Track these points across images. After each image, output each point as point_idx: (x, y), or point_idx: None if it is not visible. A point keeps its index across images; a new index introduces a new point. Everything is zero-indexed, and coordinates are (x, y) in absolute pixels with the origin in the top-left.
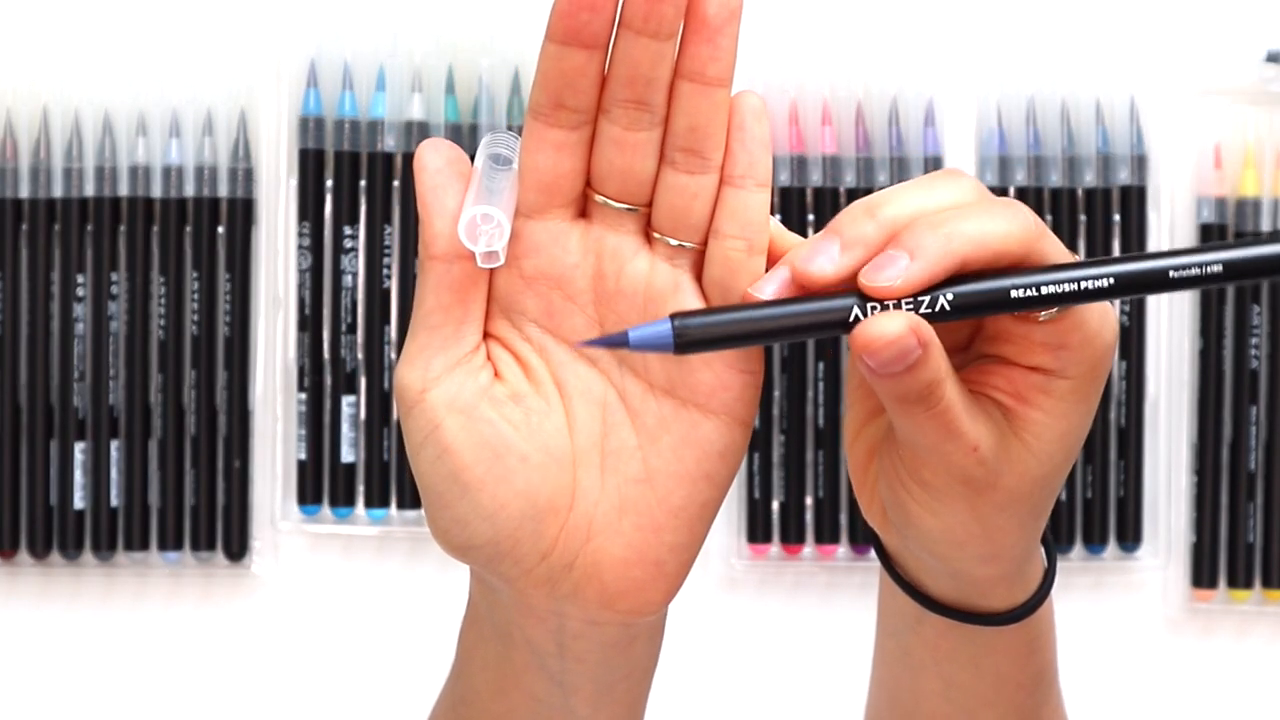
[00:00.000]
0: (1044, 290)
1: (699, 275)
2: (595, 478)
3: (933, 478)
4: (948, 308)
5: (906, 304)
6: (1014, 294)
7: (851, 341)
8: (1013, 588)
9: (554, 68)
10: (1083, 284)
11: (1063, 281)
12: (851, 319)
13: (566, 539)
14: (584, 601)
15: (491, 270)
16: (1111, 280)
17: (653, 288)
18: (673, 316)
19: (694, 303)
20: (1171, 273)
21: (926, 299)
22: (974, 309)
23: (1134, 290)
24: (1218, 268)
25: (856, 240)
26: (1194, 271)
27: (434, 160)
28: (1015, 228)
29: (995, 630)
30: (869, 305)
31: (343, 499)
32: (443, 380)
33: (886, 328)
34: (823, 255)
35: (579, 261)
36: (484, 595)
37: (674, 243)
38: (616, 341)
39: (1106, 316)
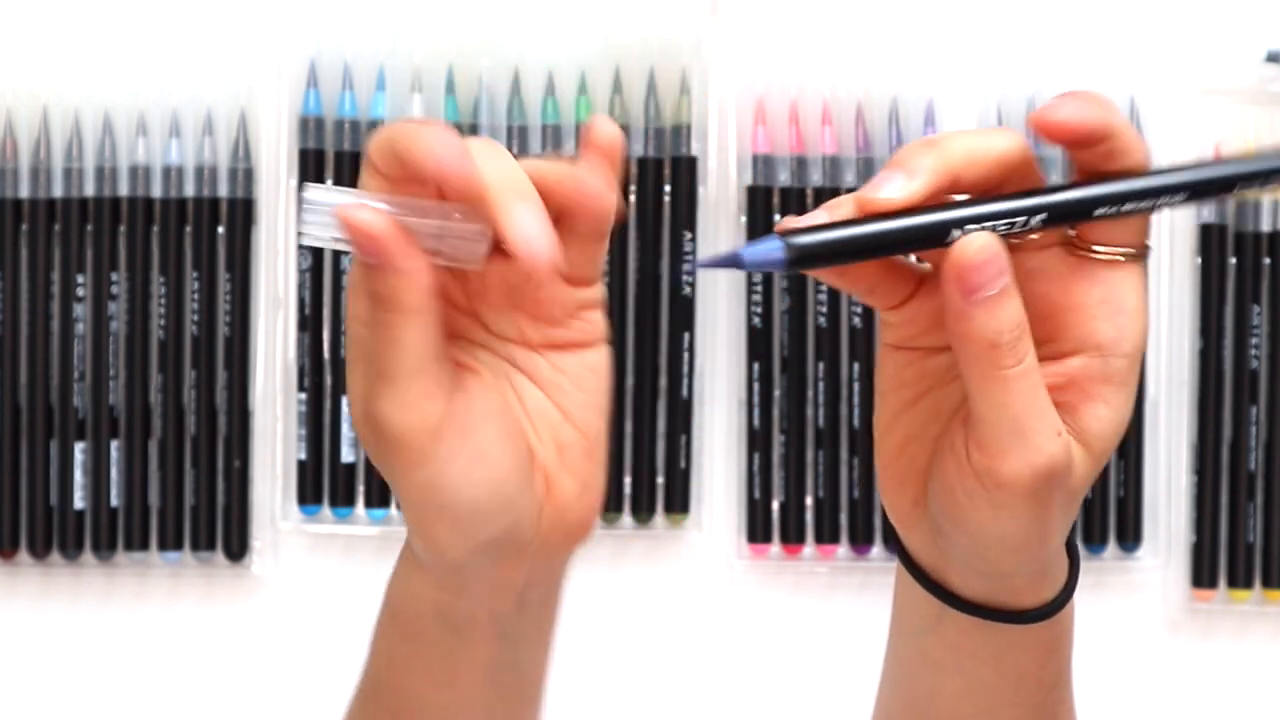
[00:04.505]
0: (1126, 208)
1: None
2: (535, 436)
3: (1013, 475)
4: (1038, 224)
5: (1002, 225)
6: (1098, 211)
7: (948, 265)
8: (1042, 584)
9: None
10: (1160, 202)
11: (1143, 201)
12: (949, 238)
13: (545, 505)
14: (552, 547)
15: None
16: (1186, 195)
17: None
18: (780, 233)
19: None
20: (1238, 185)
21: (1019, 221)
22: (1060, 221)
23: (1203, 197)
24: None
25: (922, 169)
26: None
27: (364, 213)
28: (1007, 140)
29: (1020, 628)
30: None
31: (343, 499)
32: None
33: (983, 239)
34: (889, 184)
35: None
36: (438, 601)
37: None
38: (730, 262)
39: (1145, 295)
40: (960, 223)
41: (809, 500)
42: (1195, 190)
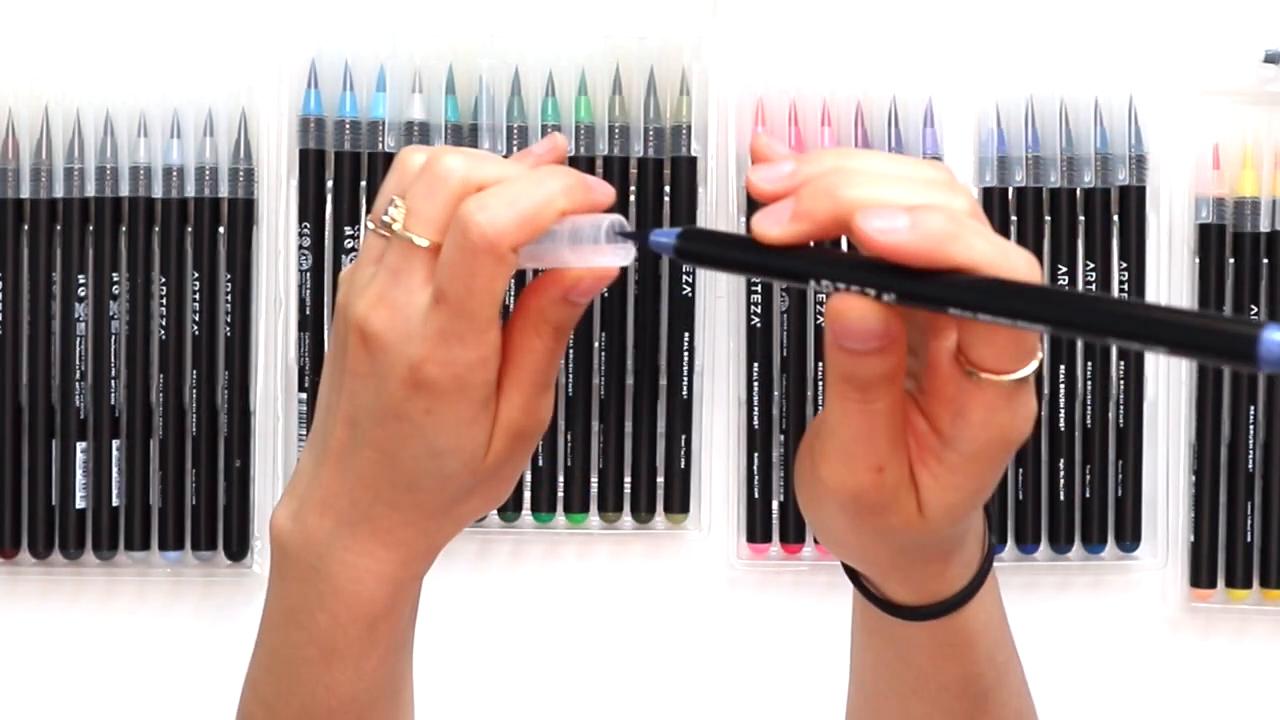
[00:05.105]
0: (981, 319)
1: None
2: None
3: (827, 481)
4: (893, 300)
5: (854, 290)
6: (951, 311)
7: (828, 308)
8: (913, 589)
9: None
10: (1019, 324)
11: (1001, 317)
12: (817, 286)
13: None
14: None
15: None
16: (1049, 327)
17: None
18: (683, 231)
19: None
20: (1113, 341)
21: (873, 292)
22: (916, 303)
23: (1072, 332)
24: (1164, 351)
25: (806, 214)
26: (1135, 346)
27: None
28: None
29: (909, 625)
30: (837, 284)
31: None
32: None
33: (860, 309)
34: (773, 220)
35: None
36: (402, 581)
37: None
38: (638, 238)
39: (1021, 414)
40: (818, 277)
41: None
42: (1058, 324)
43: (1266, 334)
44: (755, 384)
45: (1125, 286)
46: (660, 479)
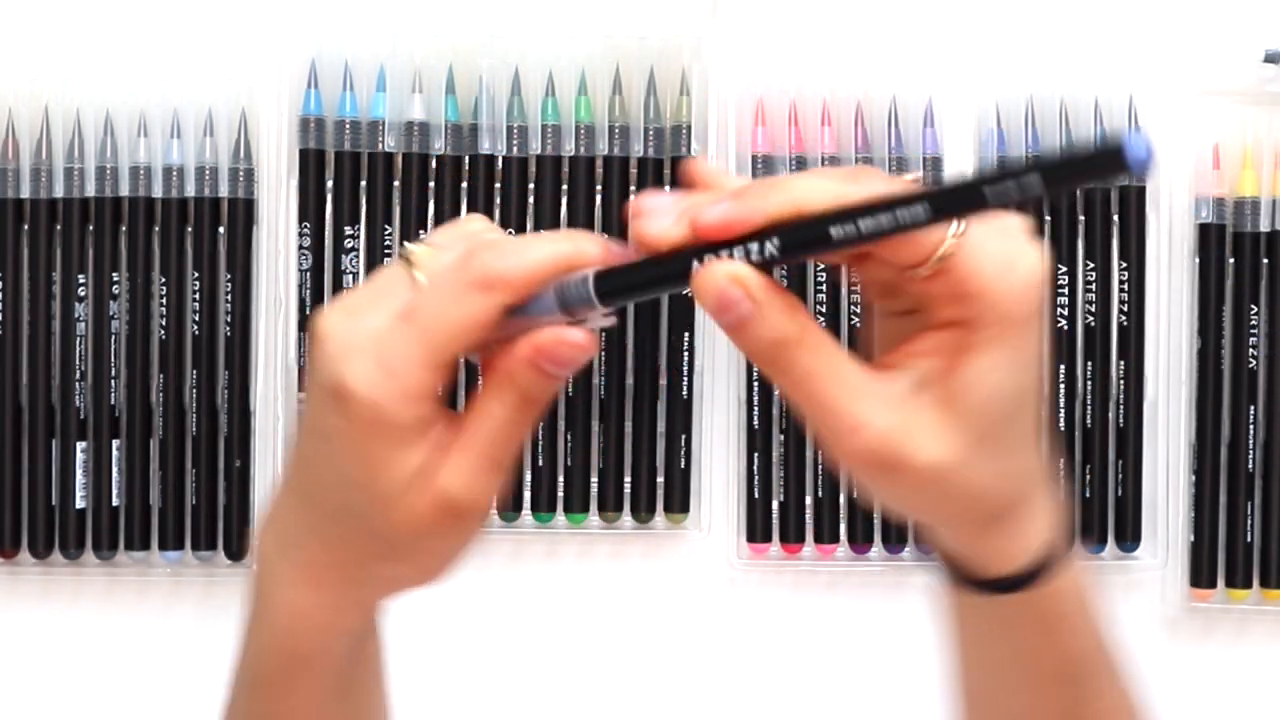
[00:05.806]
0: (863, 227)
1: None
2: None
3: (827, 453)
4: (776, 253)
5: (739, 253)
6: (834, 233)
7: (691, 287)
8: (998, 553)
9: None
10: (900, 217)
11: (880, 215)
12: (691, 270)
13: None
14: None
15: None
16: (928, 208)
17: None
18: (597, 273)
19: None
20: (987, 191)
21: (755, 246)
22: (802, 249)
23: (954, 214)
24: (1034, 182)
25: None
26: (1012, 191)
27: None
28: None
29: (1003, 603)
30: (706, 255)
31: None
32: None
33: (711, 276)
34: (655, 222)
35: None
36: (329, 642)
37: None
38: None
39: (1018, 257)
40: (697, 255)
41: (808, 500)
42: (933, 203)
43: (1132, 135)
44: (755, 384)
45: (1125, 286)
46: (660, 479)
